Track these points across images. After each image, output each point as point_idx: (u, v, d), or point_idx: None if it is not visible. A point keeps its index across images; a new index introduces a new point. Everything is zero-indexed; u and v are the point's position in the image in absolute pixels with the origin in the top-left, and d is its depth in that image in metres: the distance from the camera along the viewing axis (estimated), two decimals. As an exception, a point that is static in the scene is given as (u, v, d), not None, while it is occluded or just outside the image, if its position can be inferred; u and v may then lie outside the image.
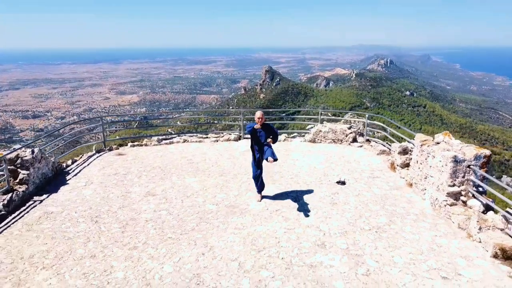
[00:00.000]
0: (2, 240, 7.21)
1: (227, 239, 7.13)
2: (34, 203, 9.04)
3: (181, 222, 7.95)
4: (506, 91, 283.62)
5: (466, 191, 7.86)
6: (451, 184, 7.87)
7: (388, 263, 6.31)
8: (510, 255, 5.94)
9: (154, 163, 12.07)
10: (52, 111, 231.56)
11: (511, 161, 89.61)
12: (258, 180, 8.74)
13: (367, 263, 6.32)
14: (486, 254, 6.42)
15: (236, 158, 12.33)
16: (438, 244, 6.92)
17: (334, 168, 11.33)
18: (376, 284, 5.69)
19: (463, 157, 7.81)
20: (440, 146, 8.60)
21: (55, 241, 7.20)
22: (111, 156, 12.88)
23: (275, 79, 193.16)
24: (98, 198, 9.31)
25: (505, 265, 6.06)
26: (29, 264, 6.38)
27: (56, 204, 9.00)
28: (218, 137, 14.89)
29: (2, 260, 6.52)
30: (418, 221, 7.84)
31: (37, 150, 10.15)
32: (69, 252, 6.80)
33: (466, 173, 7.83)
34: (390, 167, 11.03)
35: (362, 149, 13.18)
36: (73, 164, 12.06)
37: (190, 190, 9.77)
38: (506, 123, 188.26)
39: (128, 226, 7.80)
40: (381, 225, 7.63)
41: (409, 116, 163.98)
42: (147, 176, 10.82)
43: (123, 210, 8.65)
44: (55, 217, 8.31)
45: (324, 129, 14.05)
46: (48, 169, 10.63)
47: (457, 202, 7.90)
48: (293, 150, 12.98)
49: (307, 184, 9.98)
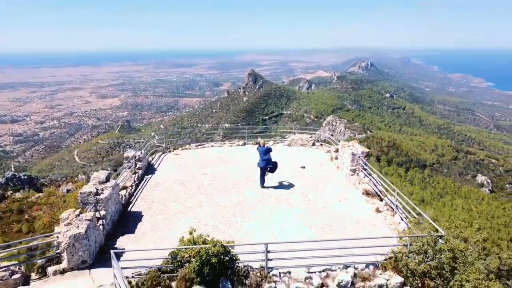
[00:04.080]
0: (145, 192, 14.08)
1: (249, 191, 14.22)
2: (146, 179, 15.45)
3: (225, 185, 14.79)
4: (483, 92, 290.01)
5: (358, 168, 14.92)
6: (351, 165, 15.03)
7: (316, 197, 13.58)
8: (368, 192, 13.42)
9: (200, 158, 18.52)
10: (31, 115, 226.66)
11: (485, 160, 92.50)
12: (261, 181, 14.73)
13: (309, 197, 13.59)
14: (359, 193, 13.81)
15: (245, 155, 18.95)
16: (342, 191, 14.24)
17: (300, 159, 18.10)
18: (311, 203, 13.04)
19: (357, 152, 14.97)
20: (349, 147, 15.60)
21: (169, 193, 13.96)
22: (172, 155, 19.13)
23: (258, 82, 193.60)
24: (177, 176, 15.79)
25: (365, 196, 13.44)
26: (165, 200, 13.25)
27: (159, 179, 15.51)
28: (232, 143, 21.54)
29: (153, 199, 13.27)
30: (336, 183, 15.18)
31: (144, 152, 16.90)
32: (178, 196, 13.61)
33: (358, 160, 14.93)
34: (330, 159, 17.97)
35: (317, 150, 20.23)
36: (153, 160, 18.17)
37: (225, 171, 16.47)
38: (482, 124, 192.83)
39: (201, 186, 14.63)
40: (319, 184, 14.93)
41: (389, 117, 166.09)
42: (199, 165, 17.24)
43: (194, 181, 15.29)
44: (163, 184, 14.97)
45: (295, 137, 21.17)
46: (146, 162, 16.91)
47: (354, 173, 14.97)
48: (278, 150, 18.99)
49: (283, 169, 16.09)
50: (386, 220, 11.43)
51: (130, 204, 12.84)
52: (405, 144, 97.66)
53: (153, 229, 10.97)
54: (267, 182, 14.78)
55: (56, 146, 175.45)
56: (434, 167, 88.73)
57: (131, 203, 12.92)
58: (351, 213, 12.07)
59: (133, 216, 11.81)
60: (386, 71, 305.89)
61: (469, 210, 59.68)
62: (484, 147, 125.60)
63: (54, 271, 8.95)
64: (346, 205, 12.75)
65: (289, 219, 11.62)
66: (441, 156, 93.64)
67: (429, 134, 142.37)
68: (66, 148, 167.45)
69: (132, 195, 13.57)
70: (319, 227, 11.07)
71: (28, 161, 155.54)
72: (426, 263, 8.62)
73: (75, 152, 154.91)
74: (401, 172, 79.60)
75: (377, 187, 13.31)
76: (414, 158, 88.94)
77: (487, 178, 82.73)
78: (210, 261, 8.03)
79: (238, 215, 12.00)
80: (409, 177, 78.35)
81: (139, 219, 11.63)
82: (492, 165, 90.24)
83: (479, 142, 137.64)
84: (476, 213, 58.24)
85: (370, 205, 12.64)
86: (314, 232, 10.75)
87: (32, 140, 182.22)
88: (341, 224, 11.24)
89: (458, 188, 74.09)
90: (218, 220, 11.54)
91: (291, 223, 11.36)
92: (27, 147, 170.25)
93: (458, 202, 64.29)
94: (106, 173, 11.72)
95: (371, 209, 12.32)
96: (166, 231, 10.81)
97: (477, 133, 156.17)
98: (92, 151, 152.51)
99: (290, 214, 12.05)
